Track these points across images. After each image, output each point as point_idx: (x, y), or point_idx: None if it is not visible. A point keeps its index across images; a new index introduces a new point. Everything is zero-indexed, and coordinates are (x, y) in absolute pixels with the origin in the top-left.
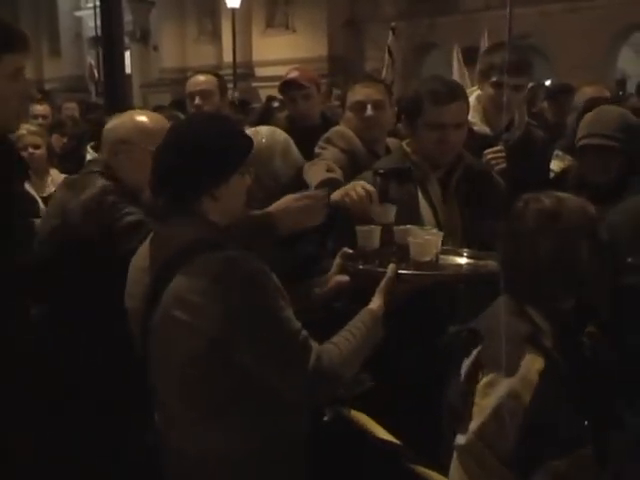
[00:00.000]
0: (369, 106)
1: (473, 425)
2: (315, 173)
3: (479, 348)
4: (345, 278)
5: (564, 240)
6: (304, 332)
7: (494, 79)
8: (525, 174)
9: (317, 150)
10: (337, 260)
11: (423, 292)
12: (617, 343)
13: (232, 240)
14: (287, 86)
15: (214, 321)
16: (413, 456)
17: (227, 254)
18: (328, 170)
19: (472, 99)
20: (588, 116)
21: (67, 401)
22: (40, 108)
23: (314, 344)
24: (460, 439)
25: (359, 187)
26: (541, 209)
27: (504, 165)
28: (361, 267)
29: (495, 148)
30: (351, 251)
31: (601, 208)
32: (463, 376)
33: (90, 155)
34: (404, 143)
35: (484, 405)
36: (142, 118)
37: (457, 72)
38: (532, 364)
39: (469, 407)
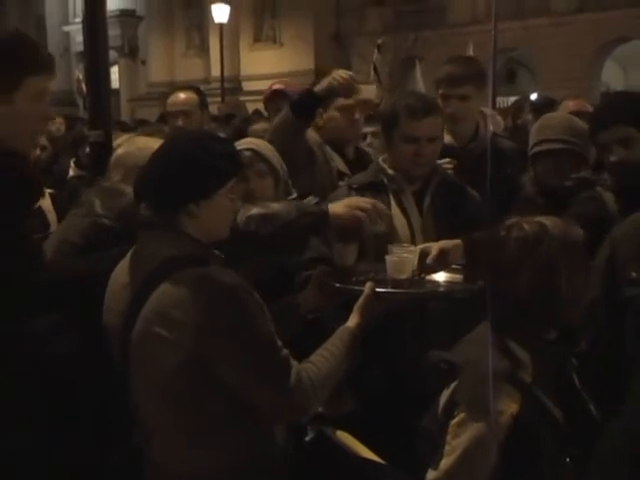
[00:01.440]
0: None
1: (442, 465)
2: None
3: (456, 382)
4: (323, 296)
5: (544, 271)
6: (285, 351)
7: (440, 91)
8: (494, 185)
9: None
10: (314, 278)
11: (398, 310)
12: (610, 358)
13: (214, 256)
14: (274, 96)
15: (195, 337)
16: (397, 475)
17: (208, 270)
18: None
19: None
20: (536, 125)
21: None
22: None
23: (294, 363)
24: (431, 474)
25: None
26: (522, 238)
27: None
28: (338, 285)
29: (444, 160)
30: (328, 268)
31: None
32: (440, 409)
33: (73, 171)
34: (380, 158)
35: (454, 446)
36: (157, 145)
37: (420, 85)
38: (507, 407)
39: (443, 443)
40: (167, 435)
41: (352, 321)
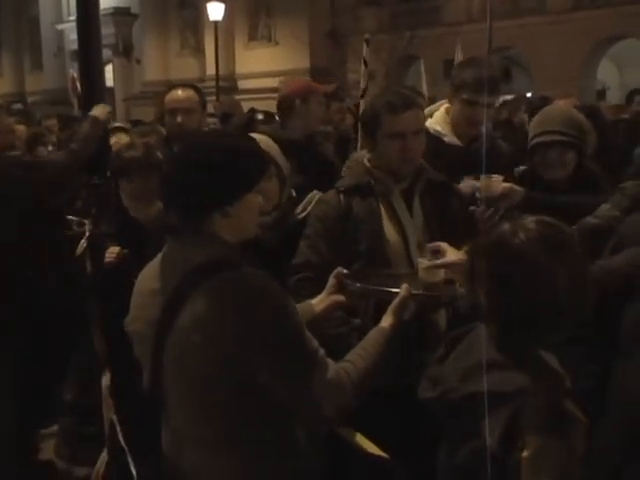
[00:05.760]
0: None
1: None
2: None
3: (510, 411)
4: (341, 298)
5: (577, 267)
6: (322, 350)
7: (465, 96)
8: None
9: None
10: (332, 280)
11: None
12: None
13: (245, 258)
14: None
15: (233, 341)
16: (402, 471)
17: (242, 273)
18: None
19: (442, 111)
20: (535, 118)
21: None
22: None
23: (331, 362)
24: None
25: None
26: (544, 239)
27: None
28: (361, 285)
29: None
30: (346, 271)
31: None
32: (496, 441)
33: None
34: (365, 159)
35: None
36: None
37: (424, 85)
38: (583, 418)
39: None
40: (199, 446)
41: (387, 321)
